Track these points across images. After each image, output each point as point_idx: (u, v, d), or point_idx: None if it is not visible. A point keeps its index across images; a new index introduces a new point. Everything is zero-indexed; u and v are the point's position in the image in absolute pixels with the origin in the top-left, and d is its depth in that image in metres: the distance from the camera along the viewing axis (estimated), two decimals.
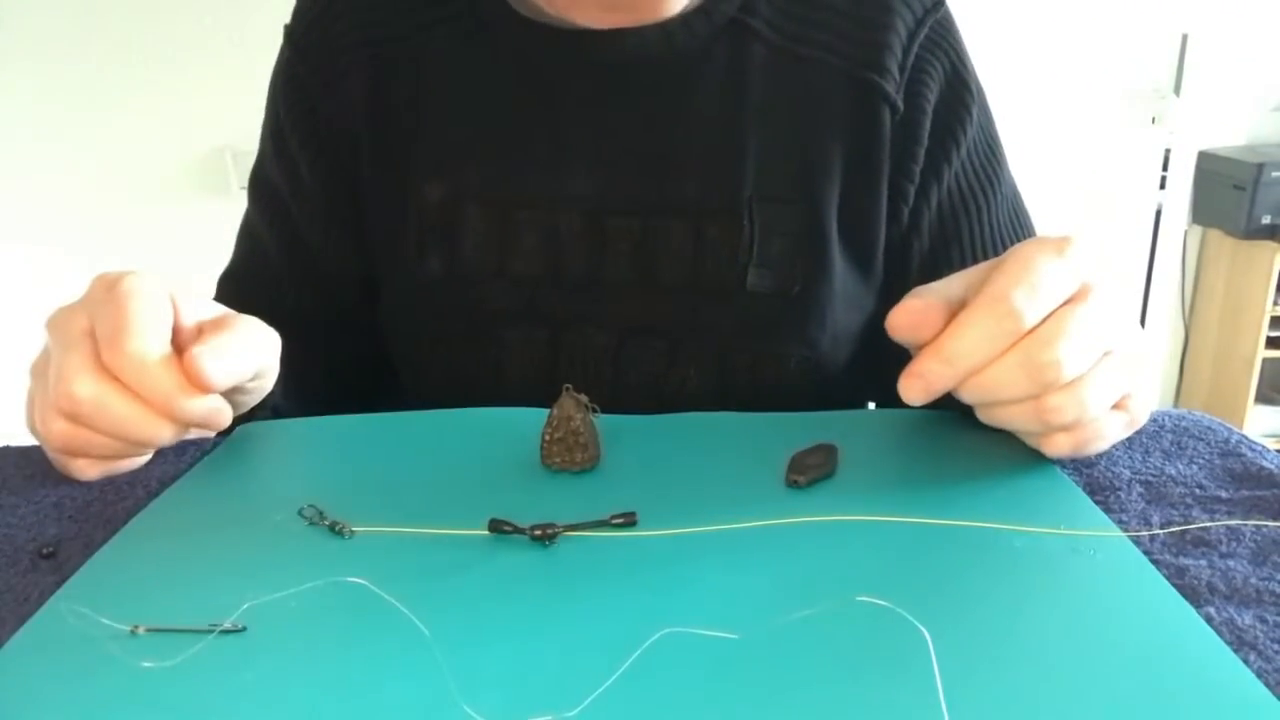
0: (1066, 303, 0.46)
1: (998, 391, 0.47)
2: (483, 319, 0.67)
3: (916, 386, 0.47)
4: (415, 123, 0.67)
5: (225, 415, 0.50)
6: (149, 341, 0.47)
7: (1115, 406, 0.49)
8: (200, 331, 0.50)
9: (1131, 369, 0.49)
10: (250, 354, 0.51)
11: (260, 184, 0.74)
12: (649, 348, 0.67)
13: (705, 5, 0.66)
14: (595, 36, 0.65)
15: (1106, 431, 0.50)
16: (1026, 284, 0.45)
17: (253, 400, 0.56)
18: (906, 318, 0.48)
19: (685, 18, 0.65)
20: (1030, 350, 0.45)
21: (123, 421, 0.47)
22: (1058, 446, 0.49)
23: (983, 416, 0.50)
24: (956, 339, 0.46)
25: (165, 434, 0.48)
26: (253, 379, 0.53)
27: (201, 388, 0.47)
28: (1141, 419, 0.52)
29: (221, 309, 0.53)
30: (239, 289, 0.74)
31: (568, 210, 0.66)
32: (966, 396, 0.48)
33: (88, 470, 0.51)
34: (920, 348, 0.48)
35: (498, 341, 0.67)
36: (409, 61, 0.67)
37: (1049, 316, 0.46)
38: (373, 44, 0.68)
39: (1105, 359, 0.47)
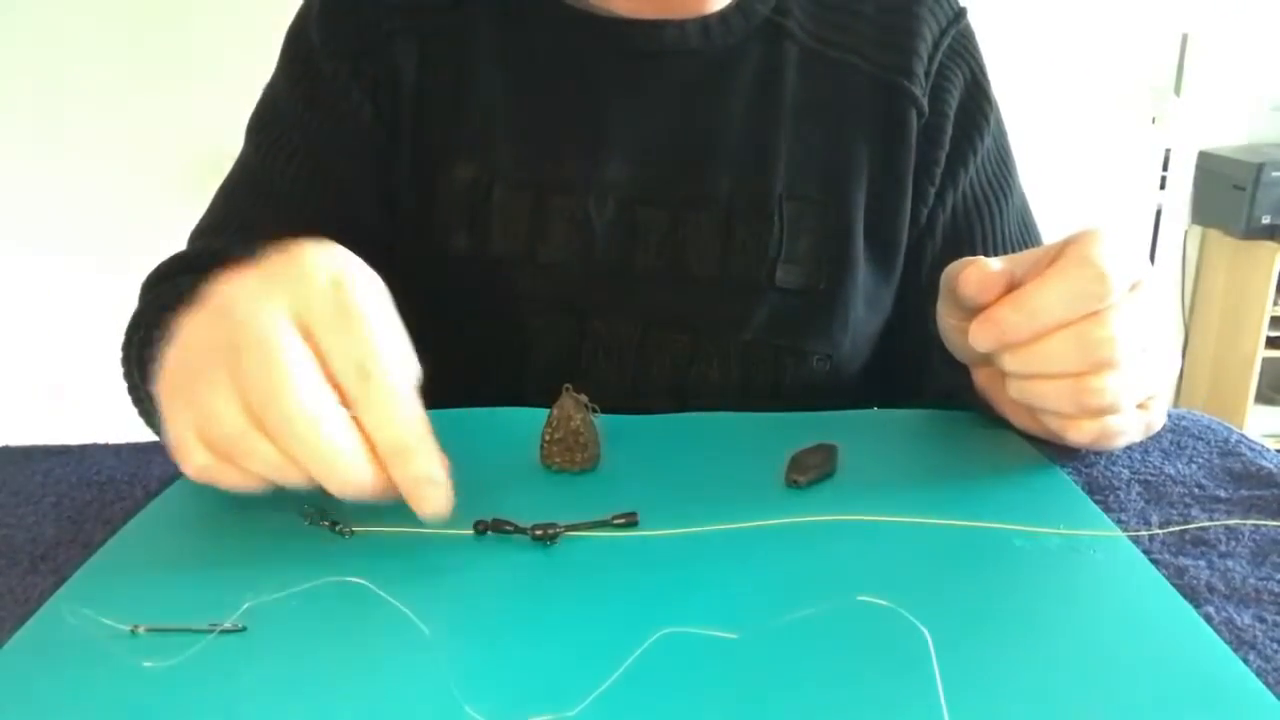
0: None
1: (1045, 362, 0.46)
2: (508, 302, 0.67)
3: (990, 333, 0.46)
4: (452, 101, 0.67)
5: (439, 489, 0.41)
6: (310, 409, 0.39)
7: (1139, 406, 0.49)
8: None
9: (1161, 371, 0.49)
10: (415, 396, 0.42)
11: (274, 124, 0.70)
12: (673, 340, 0.67)
13: (742, 4, 0.66)
14: (635, 26, 0.65)
15: (1129, 427, 0.49)
16: (1111, 256, 0.45)
17: None
18: (979, 275, 0.47)
19: (723, 14, 0.66)
20: (1087, 325, 0.45)
21: (274, 469, 0.41)
22: (1082, 433, 0.48)
23: (1016, 390, 0.49)
24: (1040, 293, 0.45)
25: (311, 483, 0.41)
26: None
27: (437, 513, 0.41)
28: (1158, 424, 0.52)
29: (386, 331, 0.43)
30: (229, 242, 0.66)
31: (600, 198, 0.66)
32: (1012, 364, 0.47)
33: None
34: (980, 309, 0.47)
35: (522, 325, 0.67)
36: (448, 39, 0.67)
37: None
38: (415, 16, 0.67)
39: (1143, 354, 0.47)
